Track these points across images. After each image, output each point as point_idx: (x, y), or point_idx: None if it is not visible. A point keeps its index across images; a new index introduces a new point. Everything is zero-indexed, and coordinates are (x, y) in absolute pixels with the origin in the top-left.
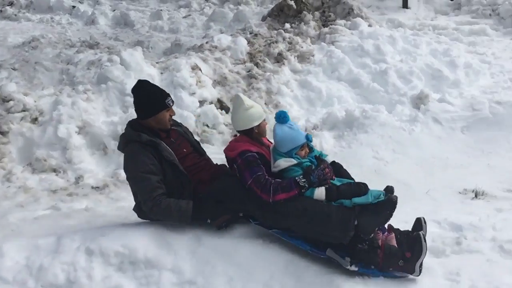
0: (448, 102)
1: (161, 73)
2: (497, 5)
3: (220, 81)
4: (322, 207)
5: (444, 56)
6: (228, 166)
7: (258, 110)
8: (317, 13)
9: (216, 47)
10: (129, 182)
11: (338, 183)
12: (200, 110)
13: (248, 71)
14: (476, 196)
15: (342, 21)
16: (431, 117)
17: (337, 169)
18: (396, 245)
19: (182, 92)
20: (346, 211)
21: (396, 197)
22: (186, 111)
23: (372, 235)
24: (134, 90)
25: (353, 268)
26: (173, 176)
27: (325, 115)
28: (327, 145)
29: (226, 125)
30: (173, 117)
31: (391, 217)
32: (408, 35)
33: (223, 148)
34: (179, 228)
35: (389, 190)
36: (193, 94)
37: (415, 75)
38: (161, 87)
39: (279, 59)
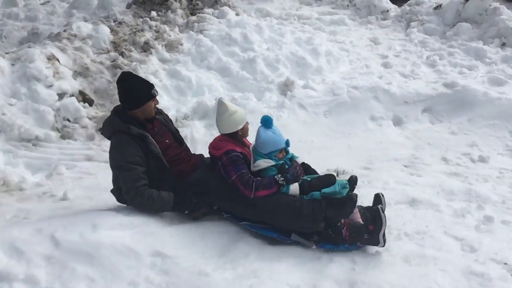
0: (311, 88)
1: (12, 65)
2: None
3: (82, 72)
4: (294, 202)
5: (307, 44)
6: (211, 162)
7: (241, 115)
8: (184, 1)
9: (75, 35)
10: (114, 169)
11: (308, 179)
12: (60, 104)
13: (113, 61)
14: (337, 175)
15: (210, 10)
16: (296, 103)
17: (306, 168)
18: (361, 220)
19: (38, 85)
20: (316, 204)
21: (356, 195)
22: (43, 105)
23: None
24: (119, 82)
25: (318, 247)
26: (156, 168)
27: (195, 104)
28: (198, 134)
29: (90, 119)
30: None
31: (352, 212)
32: (274, 24)
33: (88, 143)
34: (32, 234)
35: (352, 180)
36: (50, 86)
37: (281, 63)
38: (11, 80)
39: (146, 48)
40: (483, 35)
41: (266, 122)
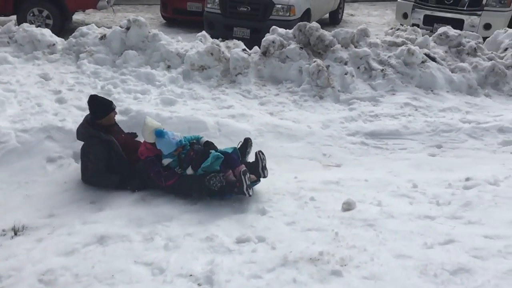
0: None
1: None
2: (13, 32)
3: None
4: (188, 180)
5: None
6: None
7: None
8: None
9: None
10: (85, 156)
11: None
12: None
13: None
14: (15, 233)
15: None
16: None
17: (209, 145)
18: (234, 178)
19: None
20: (199, 179)
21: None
22: None
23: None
24: (90, 102)
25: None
26: (117, 161)
27: None
28: None
29: None
30: None
31: (218, 182)
32: None
33: None
34: None
35: (245, 143)
36: None
37: None
38: None
39: None
40: (149, 60)
41: (157, 134)
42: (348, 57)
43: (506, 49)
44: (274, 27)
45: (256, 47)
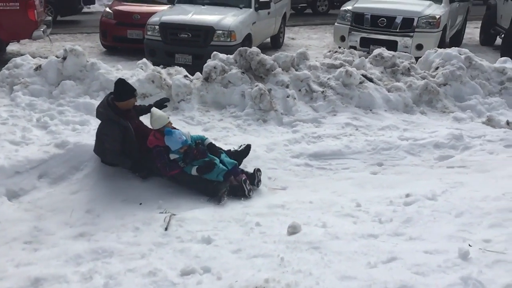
0: None
1: None
2: None
3: None
4: (191, 178)
5: None
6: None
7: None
8: None
9: None
10: (102, 136)
11: (207, 159)
12: None
13: None
14: None
15: None
16: None
17: (211, 147)
18: (236, 183)
19: None
20: (201, 180)
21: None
22: None
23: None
24: (116, 83)
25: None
26: (130, 146)
27: None
28: None
29: None
30: None
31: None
32: None
33: None
34: None
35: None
36: None
37: None
38: None
39: None
40: (88, 90)
41: (167, 132)
42: (289, 80)
43: (437, 68)
44: (215, 52)
45: (198, 73)
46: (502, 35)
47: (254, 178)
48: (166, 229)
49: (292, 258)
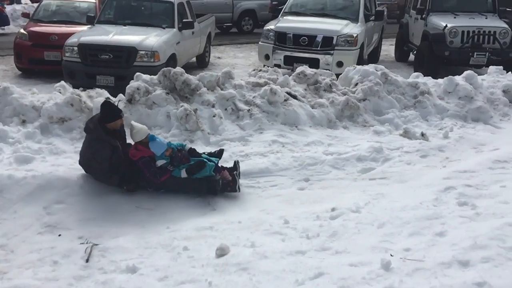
0: None
1: None
2: None
3: None
4: (181, 181)
5: None
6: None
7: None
8: None
9: None
10: (92, 155)
11: (192, 162)
12: None
13: None
14: None
15: None
16: None
17: (192, 152)
18: (229, 177)
19: None
20: (191, 181)
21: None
22: None
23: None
24: (102, 106)
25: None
26: (117, 161)
27: None
28: None
29: None
30: None
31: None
32: None
33: None
34: None
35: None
36: None
37: None
38: None
39: None
40: (1, 116)
41: (151, 137)
42: (215, 100)
43: (356, 84)
44: (138, 73)
45: (121, 95)
46: (415, 52)
47: (236, 169)
48: (87, 260)
49: (220, 281)
